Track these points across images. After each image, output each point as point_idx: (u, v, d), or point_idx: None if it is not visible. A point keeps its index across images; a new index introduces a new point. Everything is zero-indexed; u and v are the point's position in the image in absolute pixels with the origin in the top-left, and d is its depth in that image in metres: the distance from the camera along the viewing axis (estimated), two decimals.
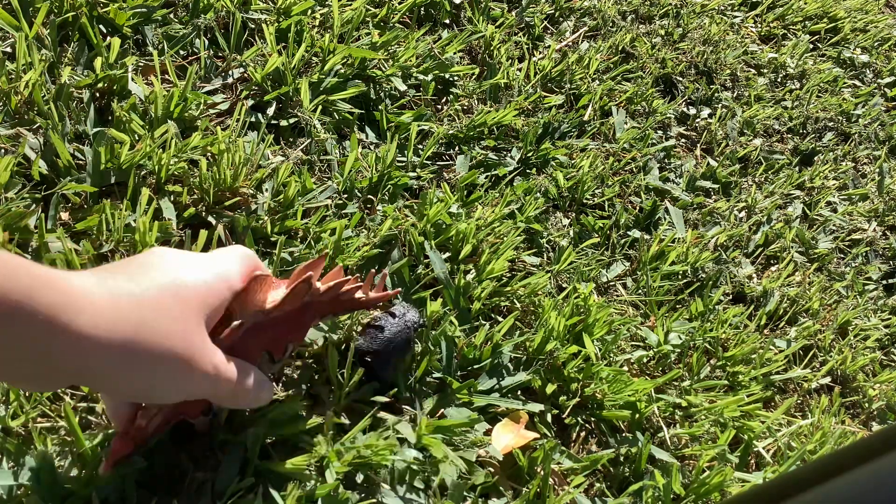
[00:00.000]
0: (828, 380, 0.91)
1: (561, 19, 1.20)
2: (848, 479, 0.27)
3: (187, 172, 0.69)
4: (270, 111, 0.80)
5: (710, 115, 1.19)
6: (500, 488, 0.63)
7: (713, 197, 1.06)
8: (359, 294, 0.59)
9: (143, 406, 0.48)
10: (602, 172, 0.96)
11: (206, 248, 0.64)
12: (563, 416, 0.70)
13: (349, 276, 0.59)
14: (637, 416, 0.73)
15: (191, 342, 0.42)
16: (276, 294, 0.52)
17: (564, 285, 0.82)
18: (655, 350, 0.80)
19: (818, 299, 0.97)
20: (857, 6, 1.69)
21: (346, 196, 0.77)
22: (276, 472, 0.55)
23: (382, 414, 0.62)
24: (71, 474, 0.50)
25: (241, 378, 0.47)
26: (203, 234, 0.63)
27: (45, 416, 0.51)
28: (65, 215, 0.62)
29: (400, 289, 0.68)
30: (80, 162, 0.66)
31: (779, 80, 1.37)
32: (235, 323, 0.48)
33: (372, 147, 0.84)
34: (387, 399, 0.62)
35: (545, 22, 1.17)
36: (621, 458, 0.70)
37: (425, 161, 0.85)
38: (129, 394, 0.43)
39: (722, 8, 1.45)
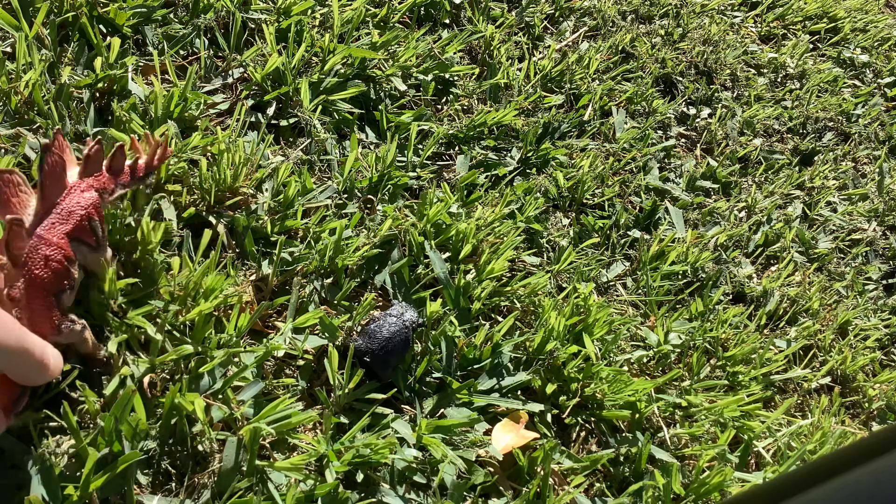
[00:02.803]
0: (828, 380, 0.91)
1: (561, 19, 1.20)
2: (848, 479, 0.27)
3: (187, 172, 0.69)
4: (270, 111, 0.80)
5: (710, 115, 1.19)
6: (500, 488, 0.63)
7: (713, 197, 1.06)
8: (130, 161, 0.56)
9: None
10: (602, 172, 0.96)
11: (207, 250, 0.64)
12: (563, 416, 0.70)
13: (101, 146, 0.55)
14: (637, 416, 0.73)
15: None
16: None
17: (564, 285, 0.82)
18: (655, 350, 0.80)
19: (818, 299, 0.97)
20: (857, 6, 1.69)
21: (346, 196, 0.77)
22: (276, 472, 0.55)
23: (381, 409, 0.62)
24: (71, 474, 0.50)
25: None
26: (207, 233, 0.63)
27: (46, 417, 0.51)
28: None
29: (168, 136, 0.64)
30: None
31: (779, 80, 1.37)
32: (8, 218, 0.44)
33: (372, 147, 0.84)
34: (385, 397, 0.62)
35: (545, 22, 1.17)
36: (621, 458, 0.70)
37: (425, 161, 0.85)
38: None
39: (722, 8, 1.45)
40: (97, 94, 0.71)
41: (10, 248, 0.45)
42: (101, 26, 0.76)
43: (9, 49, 0.70)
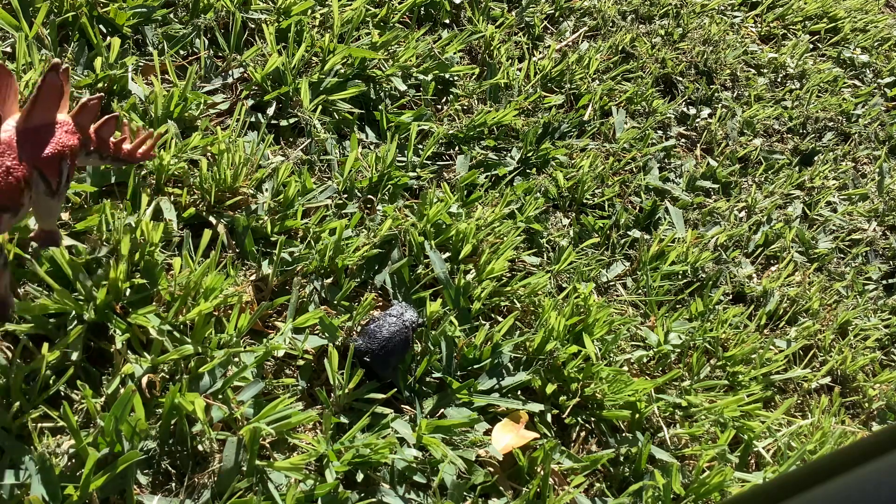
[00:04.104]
0: (828, 380, 0.91)
1: (561, 19, 1.20)
2: (848, 479, 0.27)
3: (187, 172, 0.69)
4: (270, 111, 0.80)
5: (710, 115, 1.19)
6: (500, 488, 0.63)
7: (713, 197, 1.06)
8: (116, 139, 0.55)
9: None
10: (602, 172, 0.96)
11: (207, 250, 0.64)
12: (563, 416, 0.70)
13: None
14: (637, 416, 0.73)
15: None
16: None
17: (564, 285, 0.82)
18: (655, 350, 0.80)
19: (818, 299, 0.97)
20: (857, 6, 1.69)
21: (346, 196, 0.77)
22: (276, 472, 0.55)
23: (381, 409, 0.62)
24: (71, 474, 0.50)
25: None
26: (206, 233, 0.63)
27: (46, 417, 0.51)
28: (65, 215, 0.62)
29: (162, 130, 0.62)
30: None
31: (779, 80, 1.37)
32: None
33: (372, 147, 0.84)
34: (385, 397, 0.62)
35: (545, 22, 1.17)
36: (621, 458, 0.70)
37: (425, 161, 0.85)
38: None
39: (722, 8, 1.45)
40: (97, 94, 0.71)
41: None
42: (101, 26, 0.76)
43: (9, 49, 0.70)
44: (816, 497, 0.28)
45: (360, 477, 0.58)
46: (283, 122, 0.80)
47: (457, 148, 0.90)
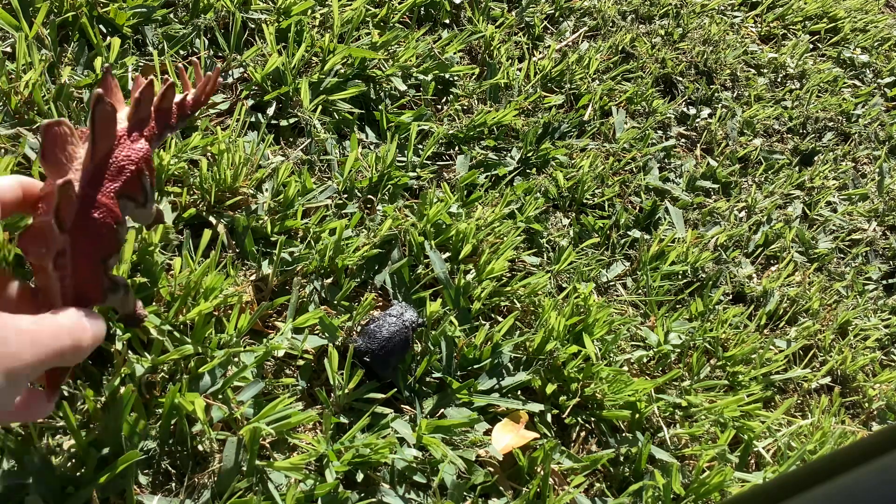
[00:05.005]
0: (828, 380, 0.91)
1: (561, 19, 1.20)
2: (848, 479, 0.27)
3: (187, 172, 0.69)
4: (270, 111, 0.80)
5: (710, 115, 1.19)
6: (500, 488, 0.63)
7: (713, 197, 1.06)
8: (179, 96, 0.52)
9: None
10: (602, 172, 0.96)
11: (207, 250, 0.64)
12: (563, 416, 0.70)
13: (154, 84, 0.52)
14: (637, 416, 0.73)
15: None
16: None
17: (564, 285, 0.82)
18: (655, 350, 0.80)
19: (818, 299, 0.97)
20: (857, 6, 1.69)
21: (346, 196, 0.77)
22: (276, 472, 0.55)
23: (381, 409, 0.62)
24: (71, 474, 0.50)
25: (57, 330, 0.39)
26: (206, 233, 0.63)
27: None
28: None
29: (218, 68, 0.58)
30: None
31: (779, 80, 1.37)
32: (59, 183, 0.40)
33: (372, 147, 0.84)
34: (385, 397, 0.62)
35: (545, 22, 1.17)
36: (621, 458, 0.70)
37: (425, 161, 0.85)
38: None
39: (722, 8, 1.45)
40: None
41: (59, 213, 0.41)
42: (101, 26, 0.76)
43: (9, 49, 0.70)
44: (816, 497, 0.28)
45: (360, 477, 0.58)
46: (283, 122, 0.80)
47: (457, 148, 0.90)
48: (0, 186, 0.41)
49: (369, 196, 0.78)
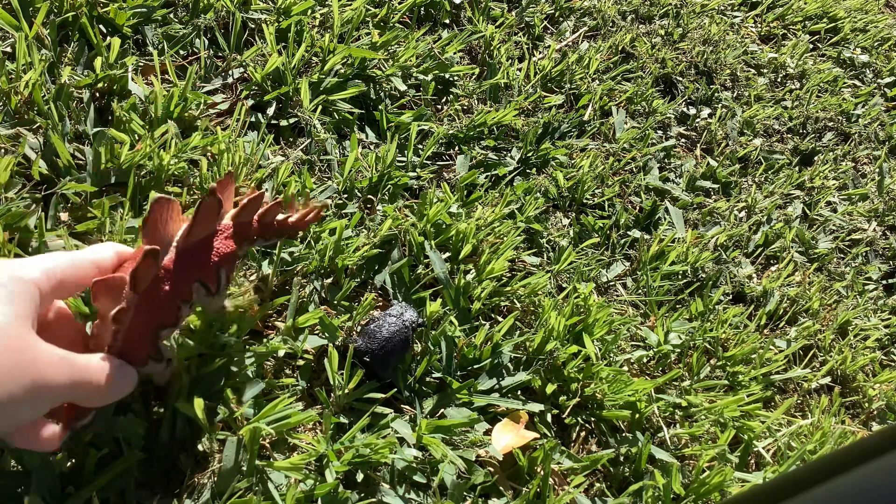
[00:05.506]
0: (828, 380, 0.91)
1: (561, 19, 1.20)
2: (848, 479, 0.27)
3: (187, 172, 0.69)
4: (270, 111, 0.80)
5: (710, 115, 1.19)
6: (500, 488, 0.63)
7: (713, 197, 1.06)
8: (281, 215, 0.56)
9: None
10: (602, 172, 0.96)
11: None
12: (563, 416, 0.70)
13: (267, 198, 0.57)
14: (637, 416, 0.73)
15: (27, 369, 0.38)
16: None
17: (564, 285, 0.82)
18: (655, 350, 0.80)
19: (818, 299, 0.97)
20: (857, 6, 1.69)
21: (346, 196, 0.77)
22: (276, 472, 0.55)
23: (381, 409, 0.62)
24: (71, 474, 0.50)
25: (91, 372, 0.43)
26: None
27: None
28: (64, 216, 0.62)
29: (328, 202, 0.62)
30: (80, 162, 0.66)
31: (779, 80, 1.37)
32: (145, 249, 0.44)
33: (372, 147, 0.84)
34: (385, 397, 0.62)
35: (545, 22, 1.17)
36: (621, 458, 0.70)
37: (425, 161, 0.85)
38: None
39: (722, 8, 1.45)
40: (97, 95, 0.71)
41: (137, 275, 0.45)
42: (101, 26, 0.76)
43: (9, 49, 0.70)
44: (816, 497, 0.28)
45: (360, 477, 0.58)
46: (283, 122, 0.80)
47: (457, 148, 0.90)
48: (101, 255, 0.46)
49: (369, 196, 0.78)
